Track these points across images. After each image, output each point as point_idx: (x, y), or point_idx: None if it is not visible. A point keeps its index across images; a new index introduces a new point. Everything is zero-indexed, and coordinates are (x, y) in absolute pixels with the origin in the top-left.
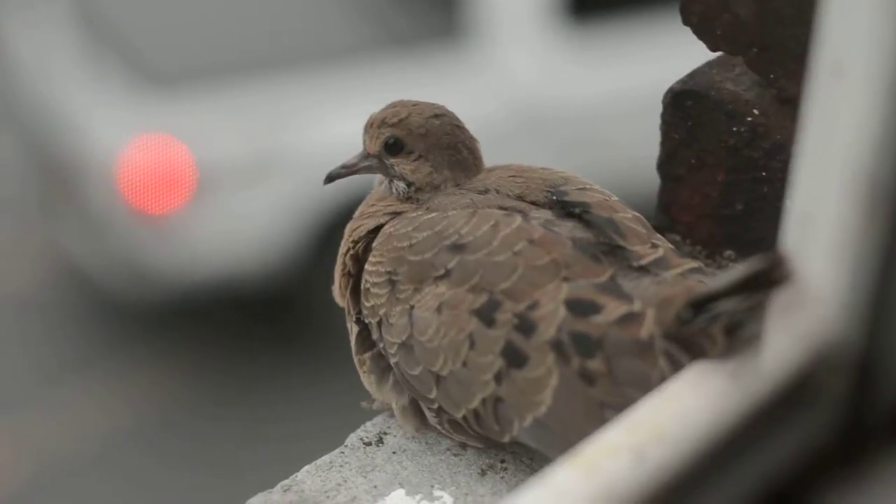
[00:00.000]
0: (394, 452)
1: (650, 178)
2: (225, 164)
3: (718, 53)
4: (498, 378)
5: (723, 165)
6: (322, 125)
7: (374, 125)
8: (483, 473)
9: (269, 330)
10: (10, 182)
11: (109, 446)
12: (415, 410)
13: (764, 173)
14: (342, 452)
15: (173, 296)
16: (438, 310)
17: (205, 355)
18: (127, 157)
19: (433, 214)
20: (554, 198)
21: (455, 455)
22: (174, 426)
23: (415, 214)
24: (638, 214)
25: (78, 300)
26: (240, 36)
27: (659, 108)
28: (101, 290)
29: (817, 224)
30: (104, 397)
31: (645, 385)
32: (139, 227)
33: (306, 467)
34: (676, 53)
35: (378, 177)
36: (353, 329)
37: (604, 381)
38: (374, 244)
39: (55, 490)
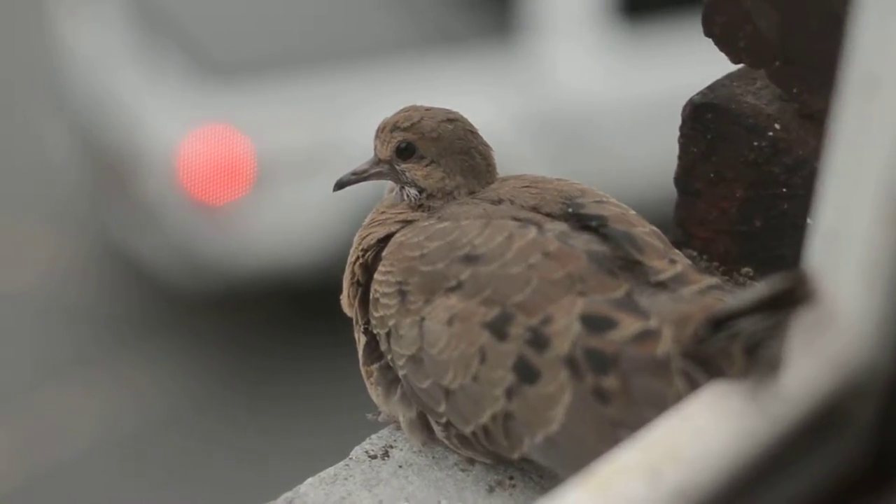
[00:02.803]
0: (400, 466)
1: None
2: (284, 156)
3: (740, 66)
4: (509, 393)
5: (742, 181)
6: (377, 120)
7: (385, 129)
8: (491, 490)
9: (320, 322)
10: (62, 174)
11: (139, 430)
12: (422, 424)
13: (784, 190)
14: (347, 465)
15: (224, 286)
16: (449, 322)
17: (242, 346)
18: (186, 147)
19: (445, 224)
20: (570, 210)
21: (463, 471)
22: (199, 414)
23: (426, 223)
24: (655, 229)
25: (124, 286)
26: (299, 28)
27: None
28: (151, 277)
29: (845, 242)
30: (138, 381)
31: (661, 405)
32: (197, 218)
33: (310, 479)
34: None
35: (389, 184)
36: (361, 339)
37: (618, 399)
38: (384, 253)
39: (84, 470)
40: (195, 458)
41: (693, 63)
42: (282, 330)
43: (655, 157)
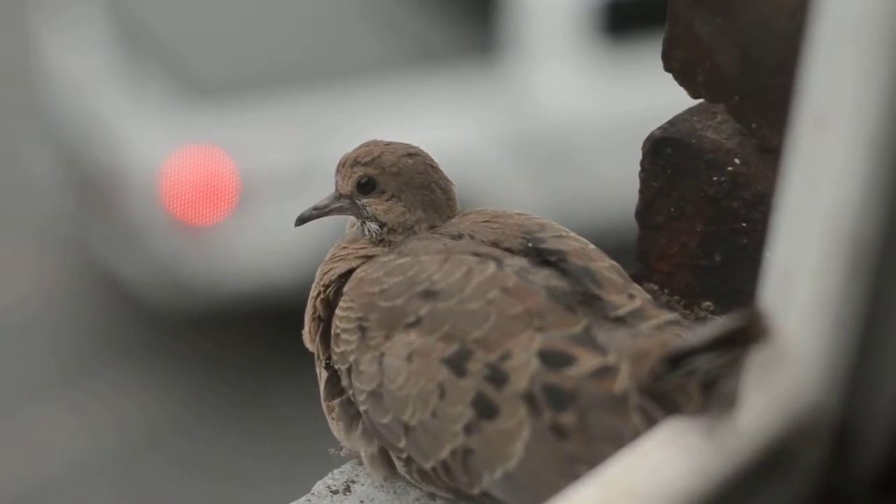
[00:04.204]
0: (361, 501)
1: None
2: (267, 176)
3: (700, 100)
4: (468, 429)
5: (702, 215)
6: (361, 139)
7: (346, 165)
8: None
9: (302, 343)
10: (45, 194)
11: (120, 450)
12: (384, 459)
13: (744, 224)
14: (308, 500)
15: (207, 306)
16: (409, 358)
17: (224, 367)
18: (170, 168)
19: (405, 259)
20: (529, 245)
21: None
22: (180, 435)
23: (387, 259)
24: (615, 264)
25: (106, 306)
26: (283, 48)
27: None
28: (134, 297)
29: (797, 282)
30: (119, 402)
31: (618, 440)
32: (180, 238)
33: None
34: None
35: (350, 219)
36: (323, 375)
37: (576, 435)
38: (345, 289)
39: (65, 491)
40: (175, 480)
41: (674, 82)
42: (264, 350)
43: (635, 176)
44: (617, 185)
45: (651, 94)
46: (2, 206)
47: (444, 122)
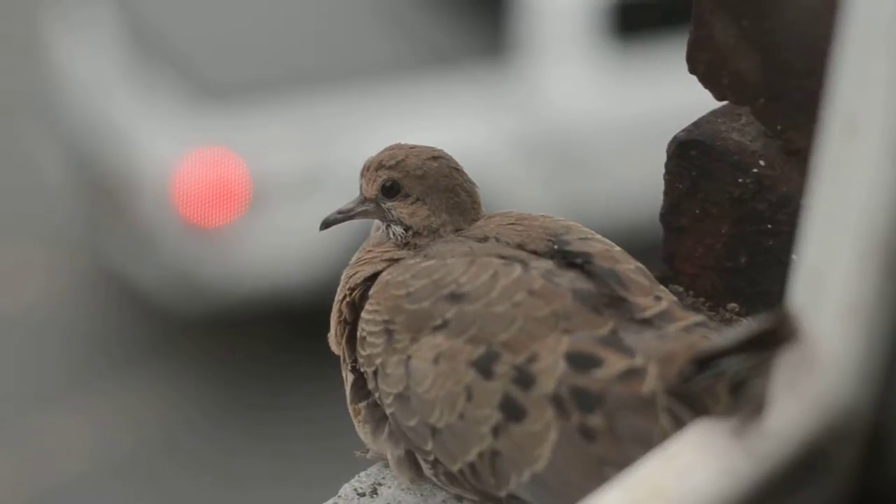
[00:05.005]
0: None
1: None
2: (278, 178)
3: (724, 102)
4: (495, 432)
5: (727, 217)
6: (373, 141)
7: (370, 168)
8: None
9: (315, 345)
10: (57, 197)
11: (134, 453)
12: (410, 462)
13: (769, 226)
14: (335, 503)
15: (220, 308)
16: (436, 361)
17: (237, 369)
18: (181, 170)
19: (431, 262)
20: (555, 247)
21: None
22: (194, 437)
23: (412, 262)
24: (641, 265)
25: (118, 309)
26: (293, 50)
27: None
28: (146, 300)
29: (829, 284)
30: (132, 405)
31: (646, 442)
32: (192, 240)
33: None
34: None
35: (375, 222)
36: (349, 378)
37: (604, 437)
38: (370, 292)
39: (80, 494)
40: (190, 483)
41: (685, 83)
42: (277, 353)
43: (648, 177)
44: (629, 186)
45: (663, 95)
46: (13, 209)
47: (455, 124)
